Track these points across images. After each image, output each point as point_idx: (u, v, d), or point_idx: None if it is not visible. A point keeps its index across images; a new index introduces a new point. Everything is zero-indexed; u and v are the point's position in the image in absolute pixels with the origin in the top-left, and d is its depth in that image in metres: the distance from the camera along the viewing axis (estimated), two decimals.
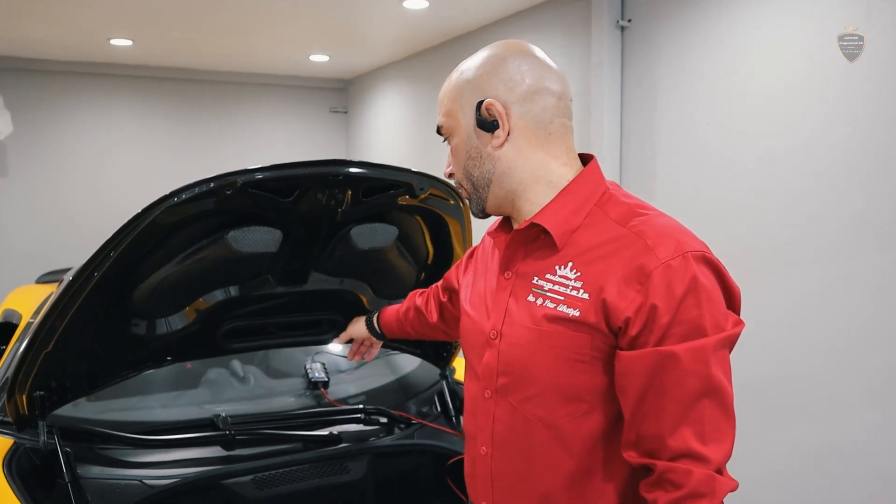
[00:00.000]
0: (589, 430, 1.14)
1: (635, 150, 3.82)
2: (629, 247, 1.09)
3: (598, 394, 1.13)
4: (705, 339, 1.04)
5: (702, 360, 1.03)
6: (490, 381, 1.23)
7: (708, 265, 1.08)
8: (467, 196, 1.28)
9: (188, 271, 1.83)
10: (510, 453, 1.21)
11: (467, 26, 5.05)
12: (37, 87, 6.10)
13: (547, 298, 1.14)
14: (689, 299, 1.04)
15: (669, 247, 1.06)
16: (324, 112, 7.31)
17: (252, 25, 5.02)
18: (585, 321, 1.09)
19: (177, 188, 1.62)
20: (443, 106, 1.25)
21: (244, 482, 1.97)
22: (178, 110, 6.68)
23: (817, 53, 2.88)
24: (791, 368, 3.03)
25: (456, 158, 1.25)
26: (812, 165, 2.92)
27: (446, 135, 1.25)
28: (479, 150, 1.21)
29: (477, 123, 1.19)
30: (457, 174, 1.27)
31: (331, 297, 2.11)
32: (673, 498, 1.03)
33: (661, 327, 1.04)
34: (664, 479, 1.04)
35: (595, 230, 1.14)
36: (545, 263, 1.17)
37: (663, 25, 3.62)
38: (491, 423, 1.23)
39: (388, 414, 2.25)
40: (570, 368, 1.12)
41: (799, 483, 3.00)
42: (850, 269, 2.80)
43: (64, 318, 1.69)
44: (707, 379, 1.03)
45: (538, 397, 1.16)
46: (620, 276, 1.07)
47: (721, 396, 1.05)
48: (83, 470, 1.82)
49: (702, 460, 1.03)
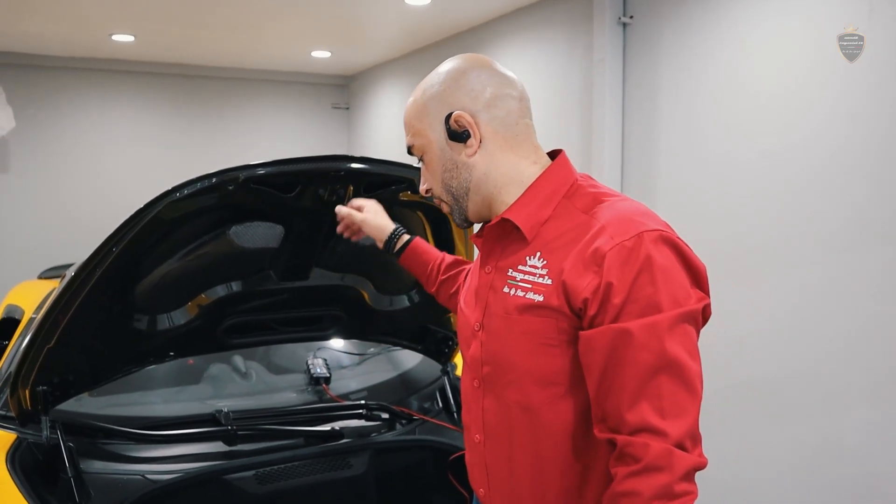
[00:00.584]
0: (566, 412, 1.17)
1: (637, 146, 3.82)
2: (588, 231, 1.14)
3: (571, 377, 1.16)
4: (660, 315, 1.06)
5: (656, 336, 1.05)
6: (477, 372, 1.28)
7: (667, 244, 1.11)
8: (448, 210, 1.31)
9: (190, 267, 1.84)
10: (498, 440, 1.26)
11: (469, 22, 5.05)
12: (38, 83, 6.10)
13: (518, 288, 1.19)
14: (643, 277, 1.07)
15: (625, 228, 1.10)
16: (325, 108, 7.30)
17: (254, 21, 5.02)
18: (549, 305, 1.14)
19: (179, 183, 1.62)
20: (411, 127, 1.29)
21: (246, 477, 1.98)
22: (180, 106, 6.67)
23: (818, 51, 2.88)
24: (792, 365, 3.03)
25: (432, 174, 1.29)
26: (814, 162, 2.92)
27: (418, 154, 1.30)
28: (454, 160, 1.25)
29: (448, 136, 1.24)
30: (435, 189, 1.31)
31: (332, 293, 2.12)
32: (631, 471, 1.05)
33: (615, 306, 1.07)
34: (624, 454, 1.07)
35: (561, 220, 1.19)
36: (518, 256, 1.22)
37: (665, 22, 3.62)
38: (481, 411, 1.28)
39: (390, 410, 2.26)
40: (542, 353, 1.17)
41: (798, 480, 3.01)
42: (850, 267, 2.80)
43: (67, 314, 1.70)
44: (662, 354, 1.05)
45: (515, 383, 1.20)
46: (578, 259, 1.12)
47: (679, 371, 1.06)
48: (86, 465, 1.83)
49: (660, 434, 1.04)
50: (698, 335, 1.13)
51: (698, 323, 1.12)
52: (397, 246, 1.70)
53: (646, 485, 1.03)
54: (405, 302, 2.26)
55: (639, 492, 1.03)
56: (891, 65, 2.64)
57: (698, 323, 1.12)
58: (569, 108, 4.18)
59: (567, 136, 4.16)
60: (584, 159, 3.98)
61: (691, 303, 1.09)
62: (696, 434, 1.07)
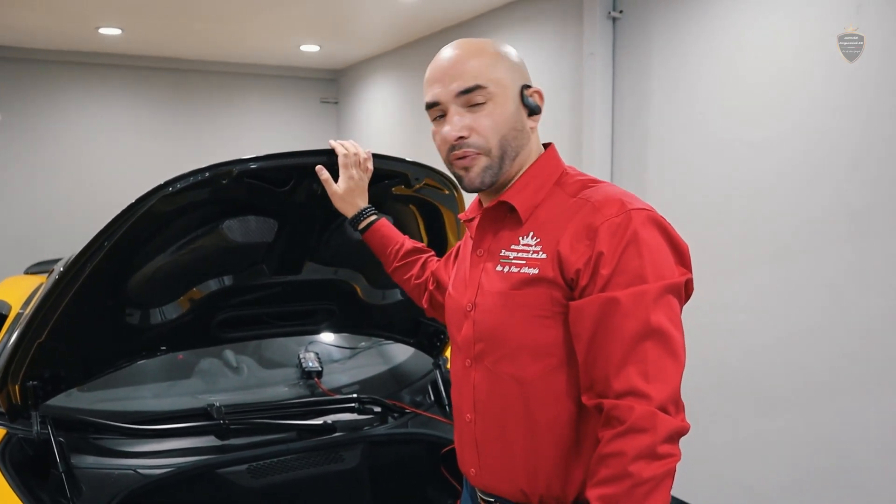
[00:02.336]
0: (559, 384, 1.22)
1: (627, 141, 3.83)
2: (580, 210, 1.22)
3: (563, 348, 1.22)
4: (646, 286, 1.13)
5: (643, 305, 1.12)
6: (469, 350, 1.33)
7: (653, 223, 1.19)
8: (482, 165, 1.28)
9: (183, 261, 1.83)
10: (490, 416, 1.29)
11: (459, 17, 5.04)
12: (25, 77, 6.04)
13: (512, 265, 1.26)
14: (631, 250, 1.15)
15: (614, 206, 1.19)
16: (314, 103, 7.28)
17: (242, 15, 5.00)
18: (544, 277, 1.21)
19: (172, 178, 1.62)
20: (479, 73, 1.27)
21: (239, 471, 1.97)
22: (168, 100, 6.63)
23: (807, 44, 2.89)
24: (783, 357, 3.05)
25: (493, 124, 1.27)
26: (803, 154, 2.94)
27: (482, 99, 1.27)
28: (522, 123, 1.31)
29: (524, 102, 1.30)
30: (489, 139, 1.27)
31: (325, 287, 2.11)
32: (616, 432, 1.10)
33: (604, 276, 1.15)
34: (611, 416, 1.12)
35: (552, 204, 1.28)
36: (511, 237, 1.29)
37: (655, 17, 3.63)
38: (472, 390, 1.32)
39: (382, 403, 2.26)
40: (536, 326, 1.22)
41: (788, 473, 3.03)
42: (839, 258, 2.83)
43: (58, 308, 1.69)
44: (647, 322, 1.12)
45: (509, 357, 1.25)
46: (572, 234, 1.19)
47: (664, 339, 1.12)
48: (77, 460, 1.82)
49: (644, 397, 1.09)
50: (681, 308, 1.20)
51: (681, 296, 1.20)
52: (362, 224, 1.70)
53: (630, 445, 1.08)
54: (398, 296, 2.26)
55: (623, 452, 1.08)
56: (881, 56, 2.66)
57: (681, 296, 1.20)
58: (559, 102, 4.19)
59: (557, 130, 4.16)
60: (574, 153, 3.99)
61: (675, 276, 1.17)
62: (678, 400, 1.13)
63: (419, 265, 1.69)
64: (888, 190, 2.66)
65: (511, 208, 1.30)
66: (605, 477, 1.09)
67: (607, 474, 1.09)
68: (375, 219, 1.71)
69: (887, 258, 2.67)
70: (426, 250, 1.73)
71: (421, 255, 1.71)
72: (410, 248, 1.71)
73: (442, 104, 1.30)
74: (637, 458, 1.07)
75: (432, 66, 1.32)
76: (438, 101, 1.30)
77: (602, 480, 1.09)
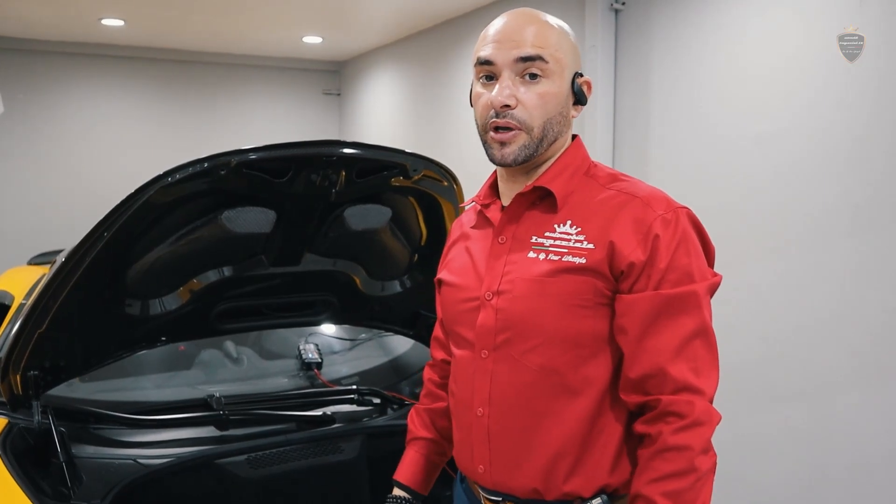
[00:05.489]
0: (590, 374, 1.21)
1: (628, 133, 3.83)
2: (626, 204, 1.20)
3: (599, 339, 1.21)
4: (696, 285, 1.16)
5: (694, 303, 1.16)
6: (487, 341, 1.27)
7: (691, 222, 1.22)
8: (521, 143, 1.22)
9: (182, 252, 1.84)
10: (509, 409, 1.25)
11: (462, 8, 5.03)
12: (27, 68, 6.04)
13: (550, 253, 1.22)
14: (682, 248, 1.17)
15: (662, 203, 1.20)
16: (317, 94, 7.27)
17: (245, 6, 4.99)
18: (592, 268, 1.18)
19: (171, 168, 1.62)
20: (547, 45, 1.22)
21: (238, 462, 1.98)
22: (171, 92, 6.63)
23: (808, 37, 2.88)
24: (782, 349, 3.05)
25: (542, 102, 1.22)
26: (804, 147, 2.93)
27: (540, 71, 1.21)
28: (567, 108, 1.27)
29: (574, 89, 1.27)
30: (534, 116, 1.22)
31: (324, 278, 2.12)
32: (678, 426, 1.12)
33: (658, 272, 1.16)
34: (668, 412, 1.13)
35: (587, 193, 1.26)
36: (543, 223, 1.25)
37: (657, 8, 3.61)
38: (488, 382, 1.27)
39: (382, 394, 2.27)
40: (573, 315, 1.20)
41: (786, 465, 3.04)
42: (839, 251, 2.82)
43: (58, 298, 1.69)
44: (700, 320, 1.16)
45: (542, 346, 1.22)
46: (624, 227, 1.18)
47: (710, 337, 1.18)
48: (77, 449, 1.83)
49: (699, 393, 1.14)
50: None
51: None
52: (407, 500, 1.50)
53: (695, 440, 1.12)
54: (397, 287, 2.26)
55: (690, 446, 1.11)
56: (881, 53, 2.65)
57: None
58: None
59: None
60: None
61: (710, 276, 1.20)
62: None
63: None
64: (891, 184, 2.66)
65: (543, 195, 1.26)
66: (669, 472, 1.11)
67: (672, 469, 1.11)
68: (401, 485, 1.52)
69: (891, 253, 2.67)
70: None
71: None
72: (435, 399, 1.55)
73: (496, 65, 1.22)
74: (701, 452, 1.11)
75: (495, 26, 1.26)
76: (494, 60, 1.22)
77: (666, 475, 1.11)
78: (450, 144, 5.22)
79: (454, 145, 5.14)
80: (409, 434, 1.56)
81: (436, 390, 1.55)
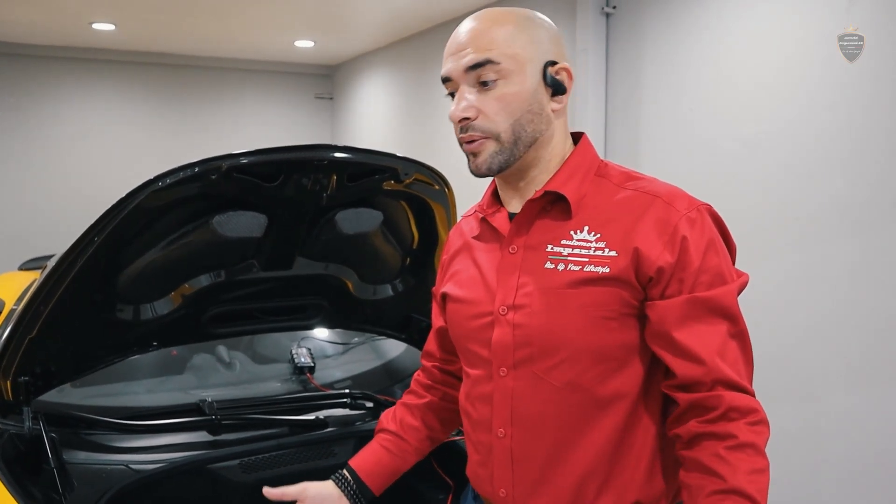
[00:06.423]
0: (618, 387, 1.15)
1: (620, 136, 3.84)
2: (647, 205, 1.14)
3: (627, 350, 1.15)
4: (728, 286, 1.12)
5: (730, 304, 1.12)
6: (505, 358, 1.19)
7: (714, 219, 1.17)
8: (490, 151, 1.16)
9: (173, 256, 1.83)
10: (534, 429, 1.18)
11: (453, 12, 5.04)
12: (18, 72, 6.03)
13: (569, 263, 1.14)
14: (711, 249, 1.12)
15: (684, 201, 1.15)
16: (309, 98, 7.27)
17: (236, 10, 4.99)
18: (617, 277, 1.12)
19: (161, 173, 1.61)
20: (495, 45, 1.15)
21: (231, 466, 1.97)
22: (162, 96, 6.62)
23: (802, 41, 2.90)
24: (771, 351, 3.06)
25: (504, 106, 1.15)
26: (794, 151, 2.94)
27: (493, 75, 1.14)
28: (541, 105, 1.17)
29: (547, 81, 1.17)
30: (497, 122, 1.15)
31: (316, 282, 2.11)
32: (750, 421, 1.09)
33: (691, 275, 1.10)
34: (734, 410, 1.08)
35: (602, 195, 1.18)
36: (557, 231, 1.17)
37: (648, 12, 3.63)
38: (509, 402, 1.20)
39: (374, 398, 2.26)
40: (599, 327, 1.13)
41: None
42: (827, 253, 2.84)
43: (48, 303, 1.69)
44: (736, 321, 1.12)
45: (567, 362, 1.15)
46: (647, 231, 1.12)
47: (746, 339, 1.14)
48: (69, 455, 1.82)
49: (748, 392, 1.11)
50: None
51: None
52: (348, 481, 1.46)
53: (761, 437, 1.10)
54: (389, 291, 2.26)
55: (756, 444, 1.09)
56: (874, 55, 2.67)
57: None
58: None
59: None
60: None
61: (740, 276, 1.16)
62: None
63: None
64: (887, 186, 2.67)
65: (554, 199, 1.18)
66: (755, 468, 1.08)
67: (756, 465, 1.08)
68: (350, 468, 1.48)
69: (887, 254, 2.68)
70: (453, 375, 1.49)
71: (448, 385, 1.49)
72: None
73: (453, 80, 1.18)
74: (763, 448, 1.10)
75: (450, 38, 1.21)
76: (450, 76, 1.18)
77: (753, 471, 1.08)
78: (441, 148, 5.22)
79: (446, 149, 5.14)
80: (377, 425, 1.53)
81: (417, 388, 1.52)
